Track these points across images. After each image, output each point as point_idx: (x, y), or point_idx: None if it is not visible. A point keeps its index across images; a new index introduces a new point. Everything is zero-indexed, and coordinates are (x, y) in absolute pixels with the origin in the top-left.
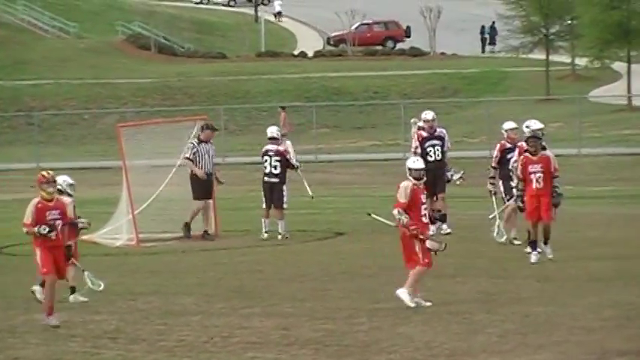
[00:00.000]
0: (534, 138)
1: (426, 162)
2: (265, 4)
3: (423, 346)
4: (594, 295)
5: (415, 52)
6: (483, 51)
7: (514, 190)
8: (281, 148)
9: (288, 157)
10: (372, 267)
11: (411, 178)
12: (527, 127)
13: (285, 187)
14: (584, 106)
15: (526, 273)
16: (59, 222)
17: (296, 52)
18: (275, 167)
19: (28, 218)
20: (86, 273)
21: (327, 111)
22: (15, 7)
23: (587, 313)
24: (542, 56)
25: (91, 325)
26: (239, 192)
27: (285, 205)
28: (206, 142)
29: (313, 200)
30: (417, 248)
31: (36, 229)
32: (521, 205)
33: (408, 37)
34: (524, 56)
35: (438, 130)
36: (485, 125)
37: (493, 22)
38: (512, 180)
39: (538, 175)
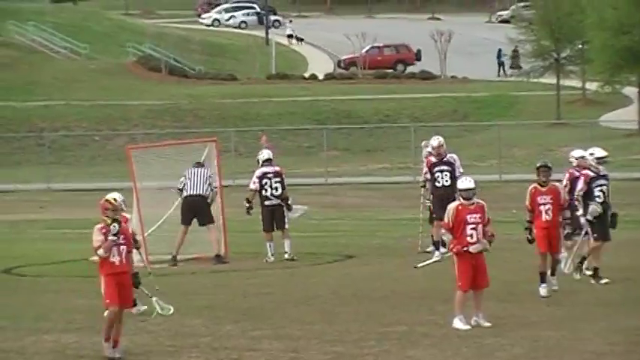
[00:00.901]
0: (545, 167)
1: (436, 188)
2: (276, 27)
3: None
4: (603, 319)
5: (426, 76)
6: (499, 74)
7: (581, 220)
8: (277, 168)
9: (284, 175)
10: (382, 290)
11: (460, 198)
12: (591, 154)
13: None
14: (594, 130)
15: (535, 297)
16: (124, 248)
17: (307, 75)
18: (276, 189)
19: (96, 242)
20: (154, 299)
21: (337, 134)
22: (26, 27)
23: (596, 337)
24: (553, 80)
25: (100, 347)
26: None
27: (287, 225)
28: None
29: (323, 223)
30: (457, 271)
31: (102, 250)
32: (529, 237)
33: (419, 60)
34: (534, 80)
35: (448, 155)
36: (495, 149)
37: (515, 47)
38: (577, 210)
39: (547, 206)
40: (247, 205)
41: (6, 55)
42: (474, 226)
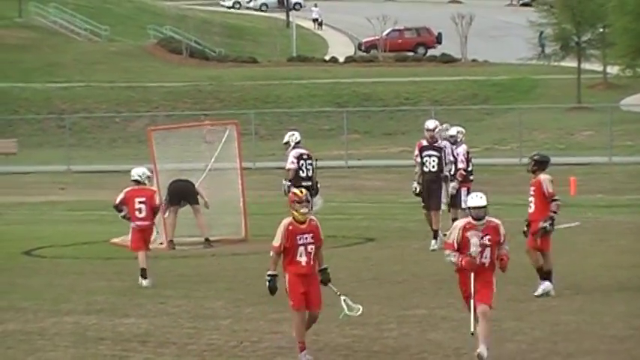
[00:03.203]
0: (532, 160)
1: (423, 172)
2: (297, 9)
3: (452, 353)
4: (624, 303)
5: (446, 59)
6: (539, 57)
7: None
8: (308, 151)
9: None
10: (402, 273)
11: (470, 217)
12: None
13: None
14: (615, 114)
15: (555, 281)
16: (312, 247)
17: (327, 58)
18: (310, 170)
19: (277, 240)
20: (343, 298)
21: (357, 117)
22: (47, 9)
23: (617, 321)
24: (574, 64)
25: (121, 329)
26: (269, 197)
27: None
28: None
29: (343, 205)
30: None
31: (268, 278)
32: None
33: (440, 43)
34: (555, 64)
35: (440, 142)
36: (516, 133)
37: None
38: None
39: (530, 199)
40: (289, 183)
41: (27, 37)
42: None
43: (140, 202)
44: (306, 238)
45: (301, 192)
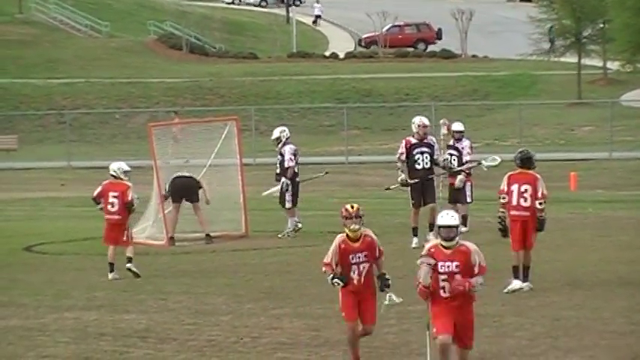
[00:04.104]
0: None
1: (415, 170)
2: (297, 5)
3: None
4: (624, 299)
5: (446, 55)
6: (549, 52)
7: None
8: None
9: None
10: (403, 269)
11: (439, 236)
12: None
13: None
14: (615, 109)
15: (556, 276)
16: (364, 266)
17: (327, 54)
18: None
19: (328, 257)
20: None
21: (357, 112)
22: (47, 5)
23: (617, 317)
24: (574, 60)
25: (121, 324)
26: None
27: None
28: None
29: (343, 201)
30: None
31: (329, 278)
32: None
33: (440, 39)
34: (555, 59)
35: (429, 137)
36: (516, 128)
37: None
38: None
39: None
40: (288, 181)
41: (27, 33)
42: (445, 277)
43: (113, 197)
44: (359, 257)
45: (352, 207)
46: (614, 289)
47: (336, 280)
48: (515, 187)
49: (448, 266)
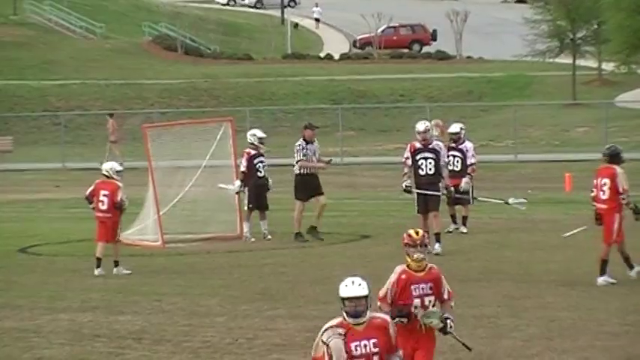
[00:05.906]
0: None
1: (418, 176)
2: (292, 7)
3: (447, 350)
4: (619, 300)
5: (441, 56)
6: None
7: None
8: None
9: None
10: None
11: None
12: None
13: None
14: (610, 111)
15: (551, 278)
16: (430, 299)
17: (322, 55)
18: (265, 170)
19: (385, 290)
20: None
21: (352, 114)
22: (42, 7)
23: (612, 318)
24: (569, 61)
25: (116, 326)
26: None
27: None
28: (311, 142)
29: (338, 202)
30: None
31: (389, 318)
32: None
33: (435, 40)
34: (550, 61)
35: (434, 142)
36: (511, 129)
37: None
38: None
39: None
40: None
41: (22, 35)
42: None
43: (104, 195)
44: (423, 288)
45: (417, 233)
46: (609, 290)
47: (397, 319)
48: (597, 181)
49: (365, 345)
